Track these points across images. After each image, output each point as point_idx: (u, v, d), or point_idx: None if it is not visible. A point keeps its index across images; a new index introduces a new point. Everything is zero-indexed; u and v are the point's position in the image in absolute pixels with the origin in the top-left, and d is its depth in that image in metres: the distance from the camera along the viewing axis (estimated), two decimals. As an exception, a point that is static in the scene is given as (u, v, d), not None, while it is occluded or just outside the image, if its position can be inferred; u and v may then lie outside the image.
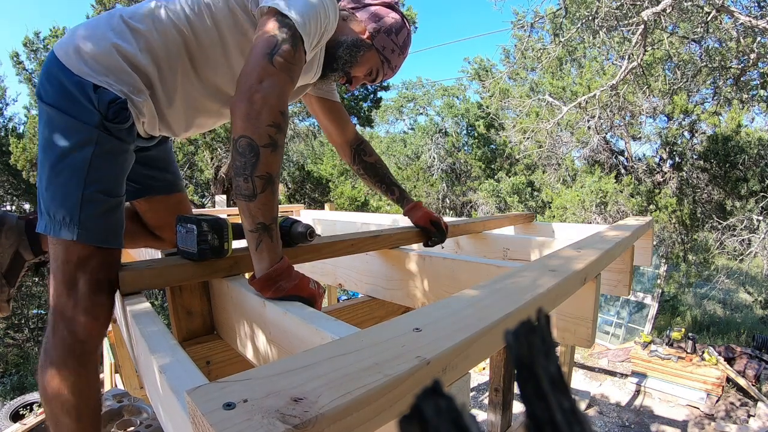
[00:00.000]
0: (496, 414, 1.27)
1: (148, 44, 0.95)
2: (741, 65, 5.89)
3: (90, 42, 0.91)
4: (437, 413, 0.14)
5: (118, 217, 0.94)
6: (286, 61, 0.85)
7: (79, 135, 0.88)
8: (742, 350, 5.90)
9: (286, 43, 0.85)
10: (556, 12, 5.56)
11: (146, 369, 0.68)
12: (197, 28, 0.98)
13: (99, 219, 0.89)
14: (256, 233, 0.81)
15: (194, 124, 1.13)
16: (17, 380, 6.61)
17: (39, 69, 6.77)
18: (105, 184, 0.90)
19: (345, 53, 1.13)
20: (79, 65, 0.88)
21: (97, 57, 0.90)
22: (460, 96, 11.74)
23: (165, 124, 1.07)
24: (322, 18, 0.96)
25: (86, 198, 0.88)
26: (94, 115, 0.88)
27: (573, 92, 6.56)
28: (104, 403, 1.42)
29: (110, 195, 0.92)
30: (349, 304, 1.35)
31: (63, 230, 0.87)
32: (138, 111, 0.94)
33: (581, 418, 0.15)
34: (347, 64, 1.15)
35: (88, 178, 0.88)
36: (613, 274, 1.32)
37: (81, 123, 0.88)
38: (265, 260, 0.81)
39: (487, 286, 0.65)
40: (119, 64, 0.91)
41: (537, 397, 0.15)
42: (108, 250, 0.90)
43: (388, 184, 1.49)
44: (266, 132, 0.80)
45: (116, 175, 0.94)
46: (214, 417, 0.30)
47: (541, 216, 7.38)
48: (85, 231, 0.87)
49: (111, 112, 0.88)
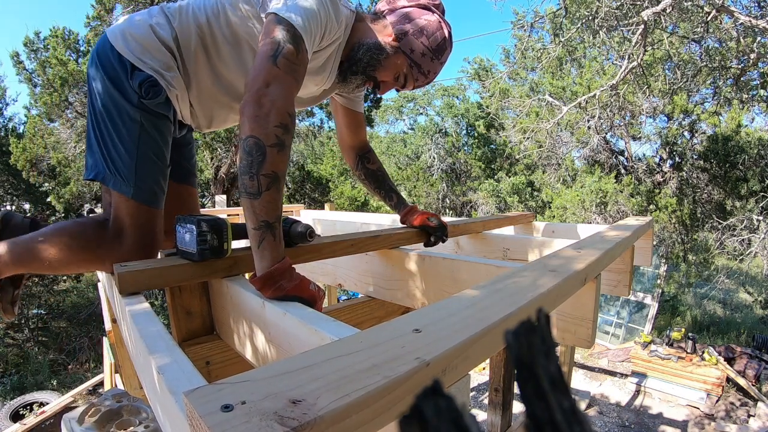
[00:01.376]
0: (496, 414, 1.27)
1: (174, 32, 1.09)
2: (741, 65, 5.89)
3: (133, 27, 1.08)
4: (437, 413, 0.14)
5: (162, 183, 1.11)
6: (290, 62, 0.88)
7: (128, 113, 1.04)
8: (742, 350, 5.89)
9: (287, 44, 0.89)
10: (556, 12, 5.56)
11: (145, 369, 0.67)
12: (214, 26, 1.10)
13: (150, 183, 1.07)
14: (259, 231, 0.81)
15: (214, 115, 1.23)
16: (17, 380, 6.60)
17: (39, 69, 6.77)
18: (153, 154, 1.08)
19: (365, 55, 1.12)
20: (123, 45, 1.05)
21: (137, 37, 1.06)
22: (460, 96, 11.74)
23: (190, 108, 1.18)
24: (322, 16, 0.99)
25: (140, 165, 1.05)
26: (133, 96, 1.04)
27: (573, 92, 6.56)
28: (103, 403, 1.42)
29: (158, 163, 1.09)
30: (349, 304, 1.35)
31: (122, 186, 1.04)
32: (169, 84, 1.07)
33: (581, 418, 0.15)
34: (369, 67, 1.14)
35: (140, 151, 1.05)
36: (613, 274, 1.32)
37: (127, 102, 1.04)
38: (267, 259, 0.81)
39: (487, 287, 0.65)
40: (155, 43, 1.06)
41: (537, 397, 0.15)
42: (153, 210, 1.09)
43: (387, 191, 1.51)
44: (273, 132, 0.82)
45: (162, 146, 1.10)
46: (212, 419, 0.30)
47: (541, 216, 7.38)
48: (139, 191, 1.05)
49: (144, 91, 1.03)
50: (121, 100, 1.04)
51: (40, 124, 7.12)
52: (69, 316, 8.77)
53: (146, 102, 1.04)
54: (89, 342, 7.73)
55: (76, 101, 6.62)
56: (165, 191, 1.13)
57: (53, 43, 6.72)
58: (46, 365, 7.05)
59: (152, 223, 1.10)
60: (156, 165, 1.09)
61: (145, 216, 1.08)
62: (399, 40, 1.11)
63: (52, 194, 7.06)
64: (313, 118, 8.98)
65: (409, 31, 1.11)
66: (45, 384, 6.57)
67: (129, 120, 1.04)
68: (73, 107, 6.63)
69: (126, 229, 1.07)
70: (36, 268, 1.09)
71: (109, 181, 1.05)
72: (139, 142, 1.05)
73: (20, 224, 1.20)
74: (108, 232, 1.08)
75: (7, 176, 8.13)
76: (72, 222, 1.12)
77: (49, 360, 7.30)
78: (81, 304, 9.30)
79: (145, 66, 1.04)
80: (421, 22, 1.11)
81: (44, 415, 4.68)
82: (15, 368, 6.97)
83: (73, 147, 6.84)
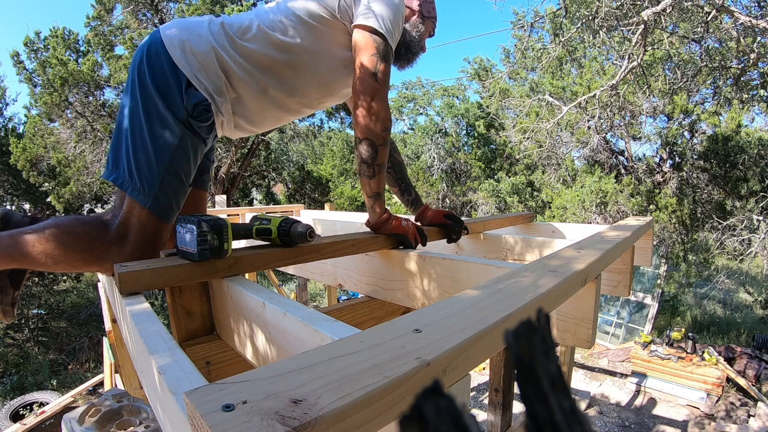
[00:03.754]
0: (496, 414, 1.27)
1: (239, 55, 1.11)
2: (741, 65, 5.89)
3: (193, 41, 1.08)
4: (437, 413, 0.14)
5: (180, 201, 1.14)
6: (385, 76, 1.12)
7: (170, 124, 1.05)
8: (742, 350, 5.89)
9: (383, 62, 1.10)
10: (556, 12, 5.55)
11: (145, 369, 0.68)
12: (287, 42, 1.15)
13: (170, 199, 1.08)
14: (372, 198, 1.19)
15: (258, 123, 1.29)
16: (17, 380, 6.60)
17: (39, 69, 6.76)
18: (182, 173, 1.10)
19: (415, 37, 1.31)
20: (180, 57, 1.06)
21: (197, 54, 1.07)
22: (460, 96, 11.72)
23: (244, 120, 1.22)
24: (402, 18, 1.19)
25: (166, 180, 1.06)
26: (182, 111, 1.06)
27: (573, 92, 6.56)
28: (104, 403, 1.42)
29: (183, 182, 1.11)
30: (349, 304, 1.35)
31: (140, 195, 1.05)
32: (218, 110, 1.12)
33: (581, 418, 0.15)
34: (419, 43, 1.34)
35: (170, 166, 1.06)
36: (613, 274, 1.32)
37: (171, 114, 1.05)
38: (377, 213, 1.20)
39: (487, 287, 0.65)
40: (213, 65, 1.08)
41: (537, 397, 0.15)
42: (164, 225, 1.10)
43: (407, 185, 1.56)
44: (382, 135, 1.13)
45: (191, 166, 1.13)
46: (213, 419, 0.30)
47: (541, 216, 7.37)
48: (156, 204, 1.06)
49: (196, 112, 1.06)
50: (165, 111, 1.04)
51: (40, 124, 7.13)
52: (69, 316, 8.77)
53: (194, 122, 1.06)
54: (89, 342, 7.73)
55: (76, 101, 6.61)
56: (180, 209, 1.15)
57: (53, 43, 6.72)
58: (46, 365, 7.05)
59: (159, 235, 1.10)
60: (181, 184, 1.10)
61: (155, 228, 1.08)
62: (422, 9, 1.31)
63: (52, 194, 7.06)
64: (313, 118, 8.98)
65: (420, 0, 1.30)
66: (45, 384, 6.56)
67: (169, 133, 1.05)
68: (73, 107, 6.63)
69: (131, 235, 1.07)
70: (29, 263, 1.06)
71: (127, 187, 1.05)
72: (172, 158, 1.06)
73: (20, 223, 1.18)
74: (110, 233, 1.08)
75: (7, 176, 8.12)
76: (72, 219, 1.10)
77: (49, 360, 7.30)
78: (81, 304, 9.30)
79: (200, 86, 1.06)
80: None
81: (44, 415, 4.68)
82: (15, 368, 6.97)
83: (73, 147, 6.84)
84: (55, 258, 1.04)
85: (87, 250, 1.06)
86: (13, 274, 1.18)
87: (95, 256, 1.06)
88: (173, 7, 7.04)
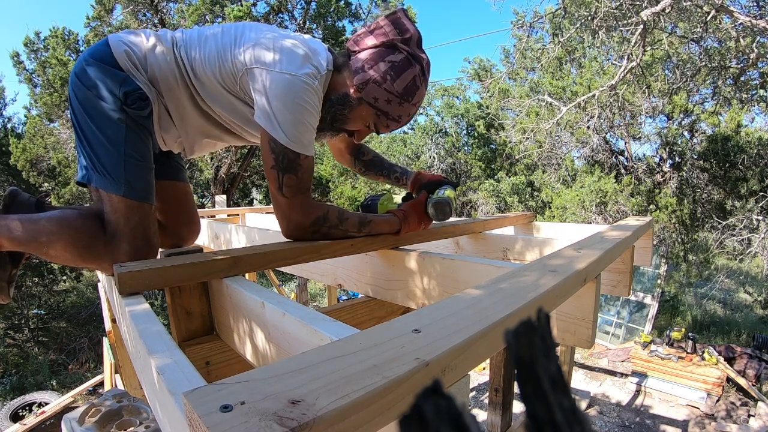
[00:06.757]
0: (496, 414, 1.27)
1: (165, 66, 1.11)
2: (740, 65, 5.89)
3: None
4: (437, 413, 0.14)
5: (151, 180, 1.11)
6: (294, 188, 1.02)
7: (110, 115, 1.04)
8: (743, 350, 5.89)
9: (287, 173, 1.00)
10: (555, 12, 5.56)
11: (145, 370, 0.67)
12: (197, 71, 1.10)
13: (140, 179, 1.07)
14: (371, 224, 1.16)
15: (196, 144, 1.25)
16: (17, 380, 6.60)
17: (39, 69, 6.77)
18: (140, 154, 1.07)
19: (329, 112, 1.09)
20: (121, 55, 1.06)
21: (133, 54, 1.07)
22: (460, 96, 11.72)
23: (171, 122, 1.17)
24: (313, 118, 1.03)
25: (129, 163, 1.05)
26: (117, 101, 1.04)
27: (573, 92, 6.56)
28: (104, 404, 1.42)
29: (145, 162, 1.09)
30: (349, 304, 1.35)
31: (111, 185, 1.04)
32: (154, 100, 1.09)
33: (581, 418, 0.15)
34: (336, 122, 1.11)
35: (127, 150, 1.05)
36: (613, 274, 1.32)
37: (108, 105, 1.04)
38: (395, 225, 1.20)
39: (487, 287, 0.65)
40: None
41: (537, 397, 0.15)
42: (146, 207, 1.08)
43: (387, 169, 1.54)
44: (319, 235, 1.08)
45: (147, 148, 1.10)
46: (211, 419, 0.30)
47: (541, 216, 7.37)
48: (129, 188, 1.04)
49: (130, 100, 1.04)
50: (102, 104, 1.05)
51: (40, 124, 7.13)
52: (69, 316, 8.78)
53: (129, 111, 1.05)
54: (89, 342, 7.73)
55: (75, 101, 6.60)
56: (153, 188, 1.13)
57: (53, 44, 6.73)
58: (46, 365, 7.05)
59: (146, 222, 1.09)
60: (143, 163, 1.09)
61: (139, 214, 1.07)
62: (360, 90, 1.05)
63: (52, 194, 7.06)
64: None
65: (371, 78, 1.03)
66: (45, 384, 6.56)
67: (114, 123, 1.05)
68: (72, 107, 6.62)
69: (120, 231, 1.06)
70: (34, 250, 1.09)
71: (98, 182, 1.04)
72: (126, 143, 1.05)
73: (26, 202, 1.20)
74: (105, 234, 1.08)
75: (7, 176, 8.13)
76: (75, 215, 1.11)
77: (49, 360, 7.30)
78: (81, 304, 9.30)
79: (136, 79, 1.06)
80: (382, 67, 1.02)
81: (44, 416, 4.68)
82: (15, 368, 6.97)
83: (72, 147, 6.84)
84: (57, 250, 1.06)
85: (87, 247, 1.07)
86: (14, 251, 1.18)
87: (94, 254, 1.07)
88: (173, 7, 7.05)
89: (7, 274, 1.19)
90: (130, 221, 1.06)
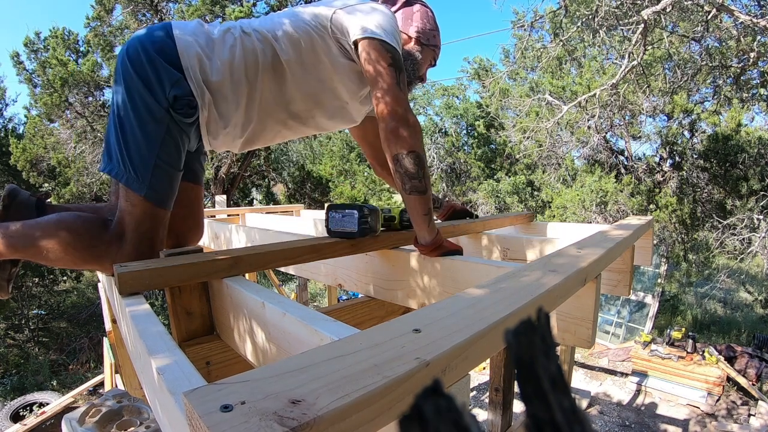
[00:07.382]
0: (496, 413, 1.27)
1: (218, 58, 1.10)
2: (741, 64, 5.89)
3: None
4: (437, 413, 0.14)
5: (175, 186, 1.13)
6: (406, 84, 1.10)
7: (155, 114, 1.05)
8: (743, 349, 5.89)
9: (400, 70, 1.08)
10: (555, 11, 5.55)
11: (145, 370, 0.67)
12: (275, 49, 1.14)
13: (164, 184, 1.08)
14: (428, 216, 1.08)
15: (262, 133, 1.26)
16: (17, 380, 6.60)
17: (39, 69, 6.77)
18: (173, 160, 1.10)
19: (410, 66, 1.27)
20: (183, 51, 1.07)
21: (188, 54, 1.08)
22: (460, 96, 11.71)
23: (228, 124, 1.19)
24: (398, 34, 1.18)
25: (158, 167, 1.06)
26: (164, 102, 1.05)
27: (573, 92, 6.55)
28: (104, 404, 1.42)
29: (175, 169, 1.11)
30: (349, 304, 1.35)
31: (134, 184, 1.05)
32: (202, 105, 1.11)
33: (581, 418, 0.15)
34: (415, 72, 1.29)
35: (160, 153, 1.06)
36: (613, 273, 1.32)
37: (157, 104, 1.05)
38: (434, 232, 1.09)
39: (487, 287, 0.65)
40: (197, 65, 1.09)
41: (537, 397, 0.15)
42: (162, 212, 1.10)
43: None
44: (422, 145, 1.09)
45: (180, 155, 1.13)
46: (211, 419, 0.30)
47: (541, 216, 7.37)
48: (152, 191, 1.06)
49: (178, 105, 1.06)
50: (151, 101, 1.05)
51: (40, 124, 7.13)
52: (69, 316, 8.78)
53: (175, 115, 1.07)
54: (89, 342, 7.73)
55: (76, 102, 6.62)
56: (175, 195, 1.14)
57: (53, 44, 6.73)
58: (46, 365, 7.05)
59: (156, 230, 1.09)
60: (173, 170, 1.10)
61: (151, 220, 1.08)
62: (419, 38, 1.28)
63: (52, 194, 7.06)
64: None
65: (420, 27, 1.27)
66: (45, 384, 6.57)
67: (156, 122, 1.05)
68: (72, 108, 6.63)
69: (129, 234, 1.06)
70: (32, 257, 1.09)
71: (122, 177, 1.05)
72: (162, 145, 1.06)
73: (26, 201, 1.20)
74: (109, 233, 1.08)
75: (7, 176, 8.12)
76: (74, 217, 1.10)
77: (50, 360, 7.30)
78: (81, 304, 9.30)
79: (190, 81, 1.07)
80: (417, 16, 1.28)
81: (45, 416, 4.68)
82: (15, 369, 6.97)
83: (72, 147, 6.85)
84: (56, 254, 1.06)
85: (87, 249, 1.07)
86: None
87: (95, 255, 1.07)
88: (173, 8, 7.04)
89: (7, 272, 1.20)
90: (141, 226, 1.07)
